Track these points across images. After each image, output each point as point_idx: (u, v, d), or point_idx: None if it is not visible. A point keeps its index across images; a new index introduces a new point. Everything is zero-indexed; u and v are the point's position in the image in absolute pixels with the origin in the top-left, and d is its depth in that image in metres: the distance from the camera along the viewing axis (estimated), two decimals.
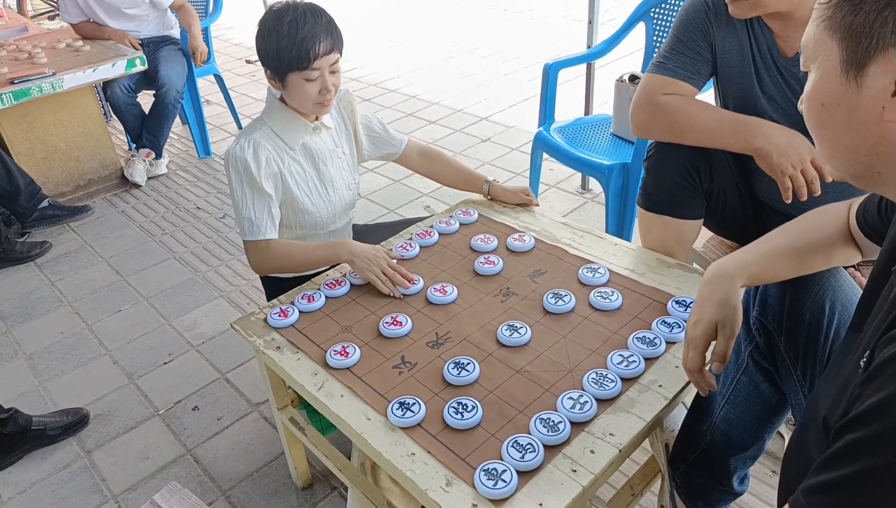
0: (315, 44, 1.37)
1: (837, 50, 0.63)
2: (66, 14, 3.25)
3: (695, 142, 1.43)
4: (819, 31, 0.65)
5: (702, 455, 1.19)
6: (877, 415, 0.53)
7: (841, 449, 0.56)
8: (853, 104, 0.63)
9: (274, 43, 1.39)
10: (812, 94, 0.68)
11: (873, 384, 0.55)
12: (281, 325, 1.36)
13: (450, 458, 1.02)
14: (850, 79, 0.62)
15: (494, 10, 6.20)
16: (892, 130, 0.61)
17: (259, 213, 1.48)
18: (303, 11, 1.39)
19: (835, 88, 0.64)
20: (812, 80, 0.68)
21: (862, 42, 0.60)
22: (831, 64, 0.64)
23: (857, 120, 0.63)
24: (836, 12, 0.62)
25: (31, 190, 2.93)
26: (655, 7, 2.31)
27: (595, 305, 1.31)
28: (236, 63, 5.21)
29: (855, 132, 0.64)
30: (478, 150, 3.41)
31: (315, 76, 1.41)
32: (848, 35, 0.61)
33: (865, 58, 0.60)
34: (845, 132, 0.65)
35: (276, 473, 1.71)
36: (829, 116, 0.66)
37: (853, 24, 0.60)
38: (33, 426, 1.83)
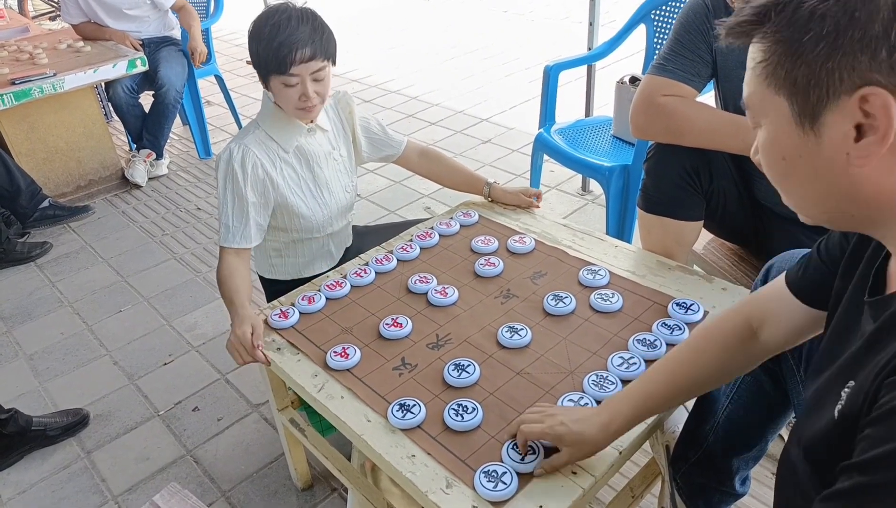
0: (292, 50, 1.35)
1: (787, 105, 0.61)
2: (67, 15, 3.26)
3: (694, 143, 1.44)
4: (762, 89, 0.62)
5: (704, 455, 1.19)
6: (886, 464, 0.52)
7: (849, 490, 0.54)
8: (815, 154, 0.61)
9: (255, 45, 1.39)
10: (769, 149, 0.66)
11: (883, 427, 0.54)
12: (281, 326, 1.36)
13: (450, 460, 1.02)
14: (806, 131, 0.60)
15: (495, 12, 6.21)
16: (862, 175, 0.59)
17: (235, 221, 1.47)
18: (289, 16, 1.36)
19: (793, 141, 0.62)
20: (766, 135, 0.65)
21: (811, 94, 0.58)
22: (784, 119, 0.61)
23: (823, 169, 0.61)
24: (777, 70, 0.60)
25: (32, 190, 2.93)
26: (656, 9, 2.31)
27: (595, 307, 1.31)
28: (237, 64, 5.22)
29: (822, 181, 0.62)
30: (478, 151, 3.41)
31: (294, 82, 1.39)
32: (795, 90, 0.59)
33: (818, 109, 0.58)
34: (812, 182, 0.63)
35: (276, 474, 1.71)
36: (792, 169, 0.64)
37: (798, 79, 0.58)
38: (33, 426, 1.83)
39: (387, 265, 1.50)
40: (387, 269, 1.50)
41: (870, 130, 0.56)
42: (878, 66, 0.54)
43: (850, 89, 0.56)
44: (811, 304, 0.86)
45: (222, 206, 1.48)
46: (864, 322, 0.68)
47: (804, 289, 0.86)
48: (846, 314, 0.75)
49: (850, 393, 0.63)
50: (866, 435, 0.56)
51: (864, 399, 0.59)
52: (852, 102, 0.56)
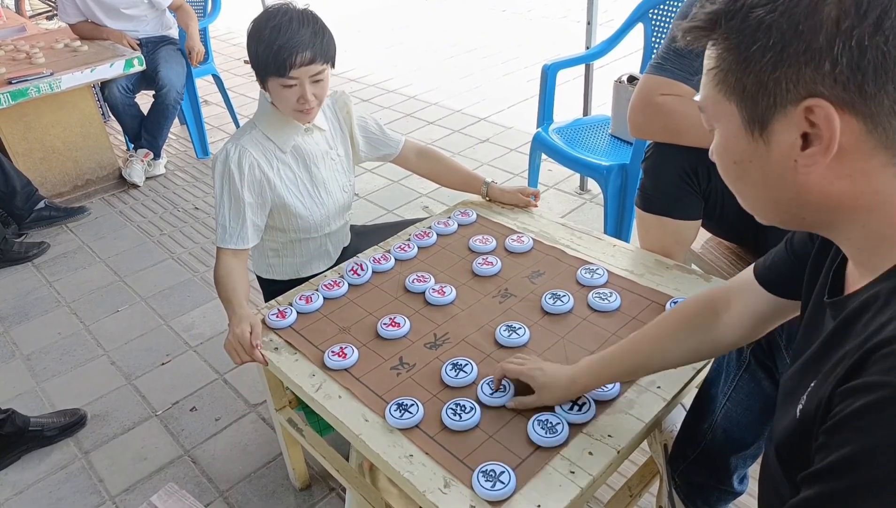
0: (293, 53, 1.34)
1: (737, 111, 0.62)
2: (65, 14, 3.25)
3: (692, 142, 1.43)
4: (714, 93, 0.64)
5: (702, 453, 1.19)
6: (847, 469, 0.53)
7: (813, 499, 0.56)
8: (765, 160, 0.62)
9: (255, 46, 1.38)
10: (722, 152, 0.67)
11: (840, 435, 0.55)
12: (279, 326, 1.36)
13: (448, 459, 1.02)
14: (755, 137, 0.61)
15: (493, 11, 6.20)
16: (810, 181, 0.60)
17: (232, 221, 1.47)
18: (290, 18, 1.36)
19: (743, 146, 0.63)
20: (718, 139, 0.67)
21: (760, 102, 0.59)
22: (734, 124, 0.63)
23: (773, 175, 0.62)
24: (727, 77, 0.61)
25: (28, 191, 2.92)
26: (654, 8, 2.31)
27: (593, 306, 1.31)
28: (235, 63, 5.21)
29: (772, 186, 0.63)
30: (476, 150, 3.41)
31: (293, 84, 1.38)
32: (744, 97, 0.60)
33: (767, 116, 0.59)
34: (763, 186, 0.64)
35: (274, 474, 1.70)
36: (744, 173, 0.65)
37: (747, 87, 0.59)
38: (31, 426, 1.83)
39: (384, 265, 1.50)
40: (384, 268, 1.50)
41: (815, 140, 0.58)
42: (822, 78, 0.55)
43: (796, 100, 0.57)
44: (776, 293, 0.89)
45: (219, 206, 1.47)
46: (826, 322, 0.70)
47: (771, 279, 0.90)
48: (813, 313, 0.76)
49: (810, 393, 0.64)
50: (823, 443, 0.57)
51: (818, 405, 0.61)
52: (798, 112, 0.57)
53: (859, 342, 0.58)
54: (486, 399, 1.10)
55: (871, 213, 0.60)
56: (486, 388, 1.12)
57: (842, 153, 0.57)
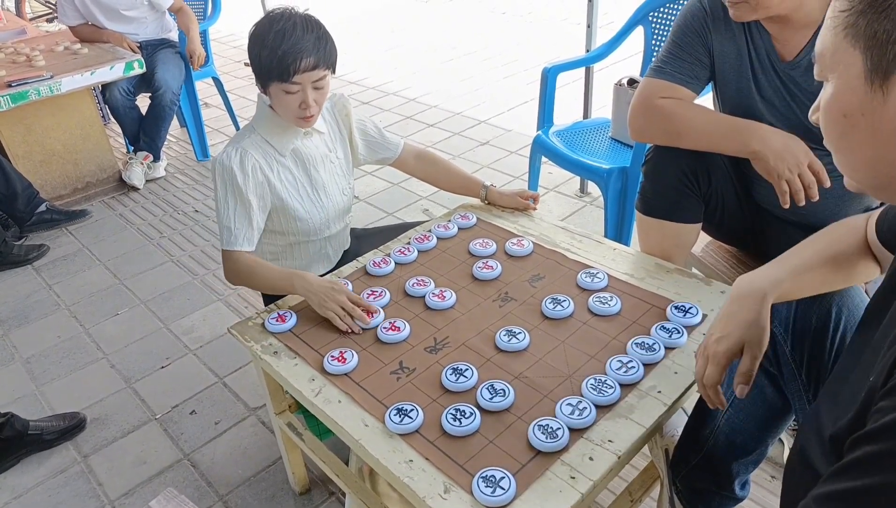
0: (297, 59, 1.35)
1: (861, 59, 0.60)
2: (65, 17, 3.25)
3: (692, 145, 1.43)
4: (839, 40, 0.62)
5: (704, 459, 1.18)
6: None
7: (859, 460, 0.55)
8: (878, 114, 0.60)
9: (258, 51, 1.38)
10: (831, 104, 0.65)
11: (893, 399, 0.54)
12: (278, 330, 1.35)
13: (448, 465, 1.01)
14: (874, 88, 0.60)
15: (493, 13, 6.21)
16: None
17: (238, 223, 1.46)
18: (293, 23, 1.36)
19: (858, 97, 0.61)
20: (830, 90, 0.65)
21: (889, 50, 0.57)
22: (853, 73, 0.61)
23: (883, 130, 0.60)
24: (859, 20, 0.59)
25: (29, 194, 2.92)
26: (654, 11, 2.32)
27: (594, 310, 1.30)
28: (235, 66, 5.21)
29: (879, 143, 0.61)
30: (476, 153, 3.41)
31: (295, 90, 1.39)
32: (873, 43, 0.58)
33: (893, 66, 0.57)
34: (869, 143, 0.62)
35: (274, 478, 1.70)
36: (851, 128, 0.63)
37: (878, 32, 0.58)
38: (30, 430, 1.82)
39: (384, 268, 1.50)
40: (384, 272, 1.50)
41: None
42: None
43: None
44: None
45: (223, 209, 1.46)
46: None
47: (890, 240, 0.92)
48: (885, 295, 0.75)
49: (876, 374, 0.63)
50: (880, 407, 0.56)
51: (879, 374, 0.60)
52: None
53: None
54: (486, 404, 1.10)
55: None
56: (485, 393, 1.11)
57: None
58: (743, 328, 0.94)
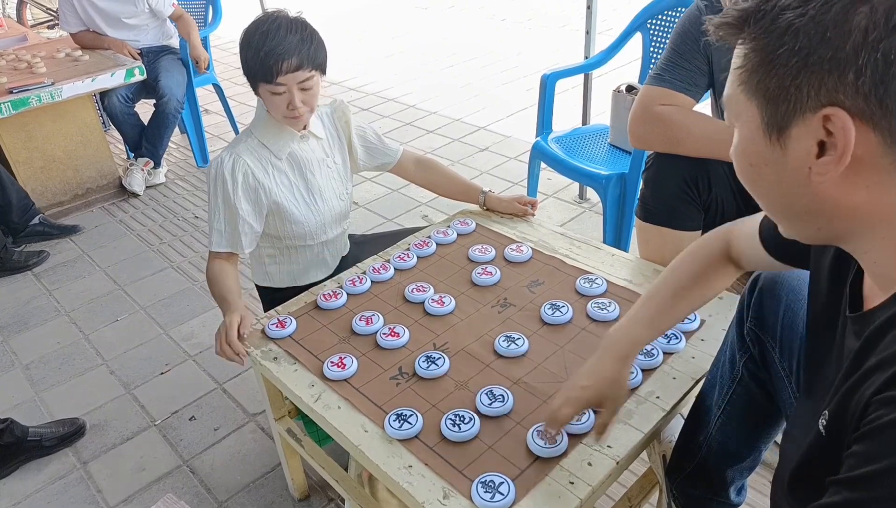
0: (279, 60, 1.35)
1: (757, 112, 0.62)
2: (66, 24, 3.26)
3: (691, 152, 1.44)
4: (738, 93, 0.63)
5: (699, 466, 1.18)
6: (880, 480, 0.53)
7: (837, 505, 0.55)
8: (780, 165, 0.62)
9: (244, 53, 1.40)
10: (738, 154, 0.67)
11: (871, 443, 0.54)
12: (278, 336, 1.36)
13: (447, 470, 1.02)
14: (773, 141, 0.61)
15: (493, 20, 6.23)
16: (823, 190, 0.60)
17: (228, 227, 1.50)
18: (278, 24, 1.37)
19: (760, 148, 0.63)
20: (737, 138, 0.67)
21: (780, 106, 0.59)
22: (754, 125, 0.63)
23: (787, 180, 0.62)
24: (751, 77, 0.61)
25: (24, 205, 2.92)
26: (652, 18, 2.33)
27: (592, 316, 1.31)
28: (235, 72, 5.22)
29: (787, 192, 0.63)
30: (476, 159, 3.42)
31: (281, 91, 1.40)
32: (765, 99, 0.60)
33: (786, 121, 0.59)
34: (777, 191, 0.64)
35: (273, 484, 1.70)
36: (758, 176, 0.65)
37: (769, 89, 0.59)
38: (29, 436, 1.82)
39: (384, 274, 1.50)
40: (384, 278, 1.50)
41: (830, 148, 0.58)
42: (845, 88, 0.55)
43: (816, 107, 0.57)
44: (780, 260, 0.93)
45: (214, 211, 1.50)
46: (848, 339, 0.69)
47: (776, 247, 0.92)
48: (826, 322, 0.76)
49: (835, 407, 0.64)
50: (854, 452, 0.56)
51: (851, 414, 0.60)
52: (816, 119, 0.57)
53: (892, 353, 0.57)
54: (486, 410, 1.10)
55: (890, 226, 0.60)
56: (485, 398, 1.12)
57: (858, 165, 0.57)
58: (605, 385, 1.00)
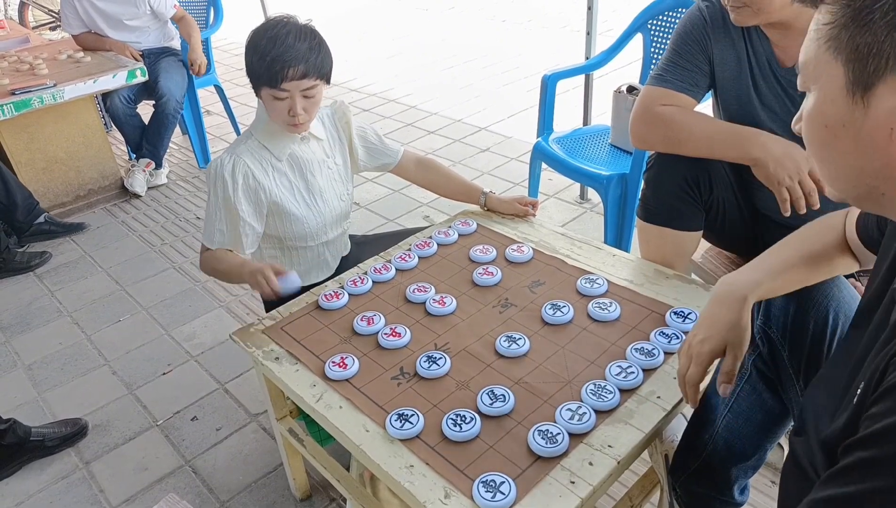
0: (285, 67, 1.36)
1: (843, 71, 0.60)
2: (68, 25, 3.27)
3: (692, 152, 1.44)
4: (821, 52, 0.62)
5: (703, 464, 1.18)
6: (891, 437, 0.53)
7: (851, 466, 0.55)
8: (859, 126, 0.61)
9: (250, 56, 1.40)
10: (814, 115, 0.65)
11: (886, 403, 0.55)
12: (280, 336, 1.36)
13: (448, 470, 1.02)
14: (856, 100, 0.60)
15: (493, 21, 6.24)
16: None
17: (226, 228, 1.51)
18: (287, 31, 1.37)
19: (840, 109, 0.62)
20: (813, 101, 0.65)
21: (870, 63, 0.58)
22: (836, 85, 0.61)
23: (864, 142, 0.61)
24: (841, 32, 0.60)
25: (29, 204, 2.93)
26: (652, 19, 2.33)
27: (593, 316, 1.31)
28: (237, 73, 5.24)
29: (861, 154, 0.62)
30: (477, 160, 3.42)
31: (284, 96, 1.40)
32: (855, 56, 0.59)
33: (874, 78, 0.58)
34: (851, 154, 0.63)
35: (275, 484, 1.70)
36: (833, 138, 0.64)
37: (860, 45, 0.58)
38: (32, 436, 1.83)
39: (385, 275, 1.51)
40: (385, 278, 1.50)
41: None
42: None
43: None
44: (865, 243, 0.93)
45: (215, 212, 1.50)
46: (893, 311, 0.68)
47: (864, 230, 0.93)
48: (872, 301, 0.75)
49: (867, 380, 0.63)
50: (871, 413, 0.56)
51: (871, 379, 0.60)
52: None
53: None
54: (487, 409, 1.10)
55: None
56: (486, 398, 1.12)
57: None
58: (725, 329, 0.97)
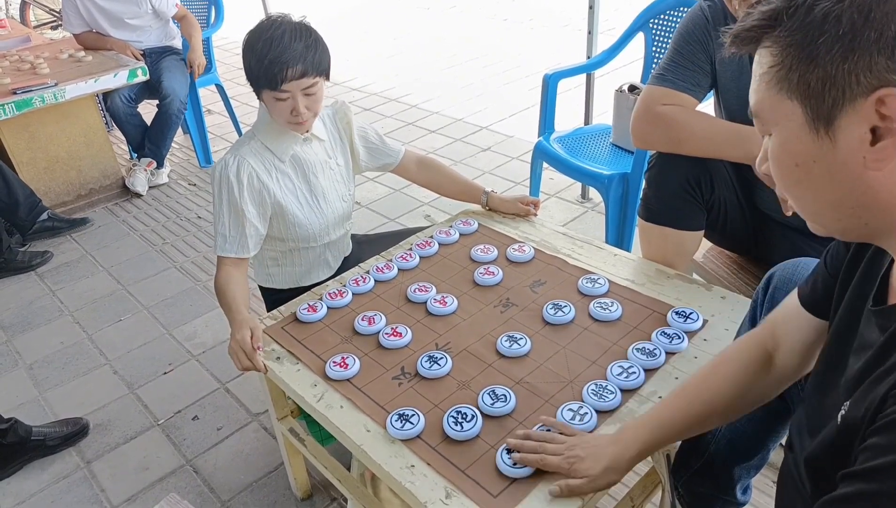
0: (283, 68, 1.35)
1: (800, 109, 0.59)
2: (69, 24, 3.27)
3: (694, 152, 1.44)
4: (773, 94, 0.61)
5: (706, 463, 1.18)
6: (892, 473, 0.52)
7: (851, 497, 0.55)
8: (831, 159, 0.59)
9: (248, 59, 1.39)
10: (780, 156, 0.64)
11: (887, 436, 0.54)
12: (281, 335, 1.36)
13: (449, 470, 1.02)
14: (821, 135, 0.59)
15: (495, 20, 6.23)
16: (879, 179, 0.58)
17: (231, 231, 1.48)
18: (283, 31, 1.36)
19: (806, 146, 0.60)
20: (777, 142, 0.64)
21: (826, 98, 0.57)
22: (796, 124, 0.60)
23: (839, 174, 0.59)
24: (790, 74, 0.59)
25: (31, 202, 2.93)
26: (654, 18, 2.33)
27: (595, 316, 1.31)
28: (238, 73, 5.23)
29: (837, 187, 0.60)
30: (478, 159, 3.42)
31: (285, 97, 1.39)
32: (809, 94, 0.58)
33: (834, 111, 0.57)
34: (827, 188, 0.61)
35: (276, 484, 1.70)
36: (806, 175, 0.62)
37: (812, 82, 0.57)
38: (33, 436, 1.83)
39: (387, 274, 1.51)
40: (386, 278, 1.50)
41: (886, 133, 0.56)
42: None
43: (867, 91, 0.55)
44: (824, 317, 0.84)
45: (218, 216, 1.49)
46: (868, 331, 0.67)
47: (816, 302, 0.85)
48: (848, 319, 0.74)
49: (856, 399, 0.63)
50: (870, 444, 0.56)
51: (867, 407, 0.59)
52: (868, 104, 0.55)
53: None
54: (488, 409, 1.10)
55: None
56: (487, 398, 1.12)
57: None
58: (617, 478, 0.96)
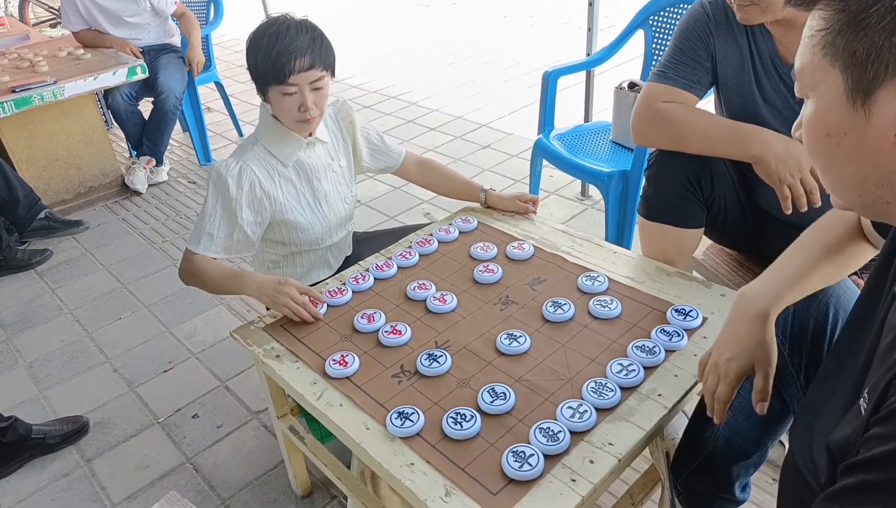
0: (291, 59, 1.35)
1: (841, 77, 0.58)
2: (68, 22, 3.27)
3: (694, 149, 1.44)
4: (817, 59, 0.60)
5: (704, 461, 1.18)
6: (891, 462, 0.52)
7: (853, 488, 0.54)
8: (861, 133, 0.59)
9: (254, 55, 1.39)
10: (814, 123, 0.63)
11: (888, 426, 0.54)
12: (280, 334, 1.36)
13: (449, 468, 1.02)
14: (857, 107, 0.58)
15: (494, 17, 6.22)
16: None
17: (222, 233, 1.46)
18: (287, 26, 1.36)
19: (840, 116, 0.60)
20: (812, 108, 0.63)
21: (869, 69, 0.56)
22: (834, 91, 0.59)
23: (868, 149, 0.59)
24: (837, 39, 0.58)
25: (31, 200, 2.93)
26: (654, 15, 2.32)
27: (594, 313, 1.31)
28: (237, 70, 5.23)
29: (865, 162, 0.60)
30: (477, 156, 3.42)
31: (293, 91, 1.39)
32: (852, 62, 0.57)
33: (874, 85, 0.56)
34: (854, 162, 0.61)
35: (276, 481, 1.70)
36: (835, 147, 0.62)
37: (858, 51, 0.56)
38: (33, 434, 1.83)
39: (386, 272, 1.50)
40: (386, 275, 1.50)
41: None
42: None
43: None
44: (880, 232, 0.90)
45: (209, 215, 1.46)
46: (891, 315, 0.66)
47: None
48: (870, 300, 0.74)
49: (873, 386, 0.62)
50: (872, 434, 0.55)
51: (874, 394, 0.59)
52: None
53: None
54: (487, 407, 1.10)
55: None
56: (486, 396, 1.12)
57: None
58: (751, 349, 0.96)
